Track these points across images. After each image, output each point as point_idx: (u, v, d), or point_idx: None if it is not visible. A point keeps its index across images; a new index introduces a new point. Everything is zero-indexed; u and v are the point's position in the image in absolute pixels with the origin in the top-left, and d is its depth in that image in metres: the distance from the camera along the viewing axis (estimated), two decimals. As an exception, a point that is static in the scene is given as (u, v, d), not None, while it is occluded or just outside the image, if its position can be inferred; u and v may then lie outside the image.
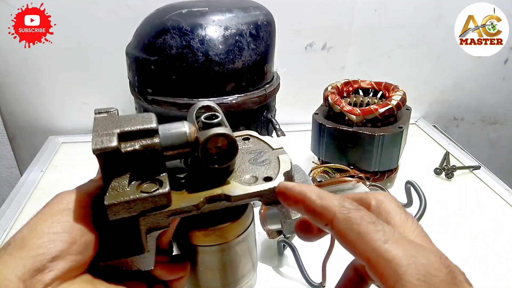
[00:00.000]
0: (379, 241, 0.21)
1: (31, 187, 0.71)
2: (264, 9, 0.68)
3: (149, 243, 0.26)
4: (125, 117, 0.26)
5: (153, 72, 0.62)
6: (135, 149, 0.25)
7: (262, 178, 0.30)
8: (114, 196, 0.24)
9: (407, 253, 0.20)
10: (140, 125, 0.26)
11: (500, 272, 0.54)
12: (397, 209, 0.25)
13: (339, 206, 0.23)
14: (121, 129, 0.25)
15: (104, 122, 0.26)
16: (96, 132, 0.25)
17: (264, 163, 0.32)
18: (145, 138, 0.26)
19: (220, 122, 0.28)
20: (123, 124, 0.25)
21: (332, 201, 0.23)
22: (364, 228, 0.21)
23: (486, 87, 1.06)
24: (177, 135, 0.27)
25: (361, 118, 0.66)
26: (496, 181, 0.74)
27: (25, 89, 0.87)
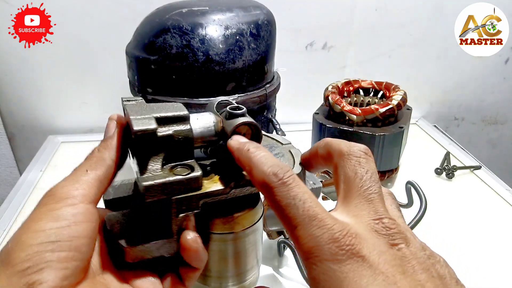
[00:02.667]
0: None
1: (31, 186, 0.71)
2: (264, 9, 0.67)
3: (178, 227, 0.27)
4: (155, 105, 0.27)
5: (153, 72, 0.62)
6: (169, 134, 0.26)
7: None
8: (151, 177, 0.25)
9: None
10: (174, 111, 0.26)
11: (500, 272, 0.54)
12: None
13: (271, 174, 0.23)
14: (156, 115, 0.26)
15: (136, 108, 0.26)
16: (133, 116, 0.25)
17: (277, 155, 0.34)
18: (177, 124, 0.26)
19: (244, 113, 0.30)
20: (156, 110, 0.26)
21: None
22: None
23: (487, 87, 1.05)
24: (207, 124, 0.29)
25: (362, 118, 0.66)
26: (497, 181, 0.74)
27: (25, 89, 0.87)
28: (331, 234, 0.20)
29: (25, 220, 0.23)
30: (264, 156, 0.24)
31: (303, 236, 0.21)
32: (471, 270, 0.54)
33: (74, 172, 0.25)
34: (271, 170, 0.23)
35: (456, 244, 0.59)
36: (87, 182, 0.24)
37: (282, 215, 0.22)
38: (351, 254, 0.20)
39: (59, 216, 0.22)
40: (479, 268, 0.54)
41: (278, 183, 0.22)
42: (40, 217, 0.22)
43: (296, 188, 0.22)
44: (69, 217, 0.23)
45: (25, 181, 0.72)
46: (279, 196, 0.22)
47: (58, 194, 0.23)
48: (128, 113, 0.26)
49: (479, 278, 0.53)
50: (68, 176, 0.25)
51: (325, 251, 0.20)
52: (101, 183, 0.25)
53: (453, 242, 0.59)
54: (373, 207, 0.22)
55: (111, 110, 1.00)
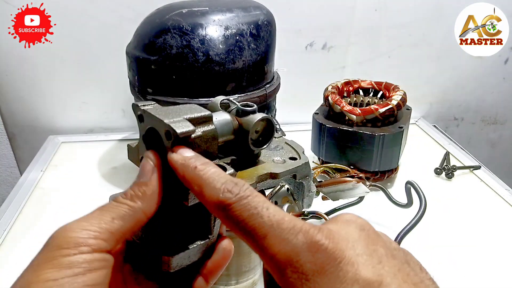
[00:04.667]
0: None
1: (31, 186, 0.71)
2: (264, 9, 0.68)
3: (215, 228, 0.26)
4: (174, 108, 0.26)
5: (153, 72, 0.62)
6: (199, 135, 0.25)
7: (288, 158, 0.34)
8: None
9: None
10: (197, 112, 0.26)
11: (500, 272, 0.54)
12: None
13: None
14: (184, 116, 0.25)
15: (160, 111, 0.25)
16: (166, 119, 0.24)
17: (277, 148, 0.36)
18: (203, 125, 0.26)
19: (255, 109, 0.30)
20: (181, 113, 0.25)
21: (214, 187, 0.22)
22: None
23: (487, 87, 1.06)
24: (225, 123, 0.29)
25: (361, 118, 0.66)
26: (496, 181, 0.74)
27: (25, 89, 0.87)
28: (305, 233, 0.19)
29: (36, 262, 0.21)
30: (215, 173, 0.22)
31: (275, 244, 0.19)
32: (471, 269, 0.54)
33: (99, 213, 0.22)
34: (225, 187, 0.21)
35: (456, 244, 0.59)
36: (109, 233, 0.22)
37: (245, 229, 0.20)
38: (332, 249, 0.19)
39: (73, 263, 0.20)
40: (479, 268, 0.54)
41: (235, 198, 0.20)
42: (52, 263, 0.20)
43: (257, 198, 0.21)
44: (84, 264, 0.20)
45: (26, 181, 0.72)
46: (239, 211, 0.20)
47: (74, 237, 0.21)
48: (156, 116, 0.25)
49: (479, 277, 0.53)
50: (90, 217, 0.22)
51: (304, 253, 0.19)
52: (124, 235, 0.23)
53: (453, 242, 0.59)
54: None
55: (111, 110, 1.01)
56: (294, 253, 0.19)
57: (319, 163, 0.73)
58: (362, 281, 0.18)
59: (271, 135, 0.31)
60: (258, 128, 0.30)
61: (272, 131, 0.31)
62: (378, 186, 0.58)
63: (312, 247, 0.19)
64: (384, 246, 0.20)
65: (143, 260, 0.26)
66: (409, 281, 0.19)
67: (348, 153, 0.67)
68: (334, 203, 0.57)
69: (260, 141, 0.31)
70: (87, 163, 0.79)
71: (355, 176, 0.55)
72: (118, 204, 0.23)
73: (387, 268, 0.19)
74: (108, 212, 0.22)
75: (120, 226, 0.22)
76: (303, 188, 0.37)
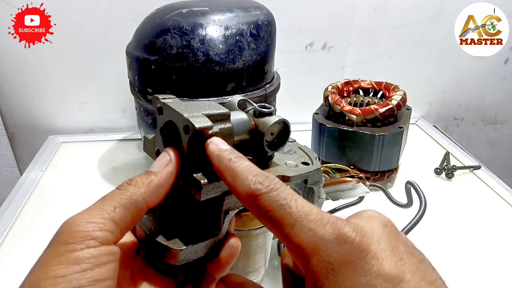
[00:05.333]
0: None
1: (31, 186, 0.71)
2: (264, 9, 0.68)
3: (224, 225, 0.27)
4: (194, 103, 0.27)
5: (153, 72, 0.62)
6: (215, 131, 0.25)
7: (300, 163, 0.34)
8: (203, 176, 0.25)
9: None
10: (216, 110, 0.26)
11: (500, 272, 0.54)
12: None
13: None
14: (203, 112, 0.25)
15: (181, 106, 0.26)
16: (185, 113, 0.24)
17: (290, 152, 0.36)
18: (220, 122, 0.26)
19: (272, 111, 0.30)
20: (200, 108, 0.26)
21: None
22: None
23: (487, 87, 1.06)
24: (242, 122, 0.29)
25: (361, 118, 0.66)
26: (496, 181, 0.74)
27: (25, 89, 0.87)
28: (333, 225, 0.20)
29: (44, 258, 0.21)
30: (247, 166, 0.23)
31: (302, 233, 0.20)
32: (470, 269, 0.54)
33: (101, 203, 0.23)
34: (257, 179, 0.22)
35: (456, 243, 0.59)
36: (113, 222, 0.22)
37: (274, 218, 0.21)
38: (359, 243, 0.19)
39: (81, 258, 0.20)
40: (479, 268, 0.54)
41: (265, 189, 0.21)
42: (60, 260, 0.20)
43: (286, 190, 0.21)
44: (92, 260, 0.20)
45: (26, 181, 0.72)
46: (269, 201, 0.21)
47: (79, 231, 0.21)
48: (176, 109, 0.25)
49: (479, 277, 0.53)
50: (93, 208, 0.22)
51: (331, 243, 0.19)
52: (127, 225, 0.23)
53: (453, 241, 0.59)
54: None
55: (111, 110, 1.01)
56: (321, 243, 0.19)
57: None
58: (385, 275, 0.19)
59: (286, 138, 0.31)
60: (273, 130, 0.30)
61: (287, 134, 0.31)
62: (378, 186, 0.58)
63: (339, 238, 0.19)
64: (404, 244, 0.21)
65: (153, 253, 0.26)
66: (426, 279, 0.20)
67: (348, 153, 0.67)
68: (334, 203, 0.58)
69: (275, 143, 0.31)
70: (87, 163, 0.79)
71: (355, 176, 0.55)
72: (121, 191, 0.23)
73: (407, 265, 0.20)
74: (109, 201, 0.23)
75: (122, 215, 0.22)
76: (313, 194, 0.36)
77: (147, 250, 0.27)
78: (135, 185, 0.24)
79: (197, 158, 0.25)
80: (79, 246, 0.20)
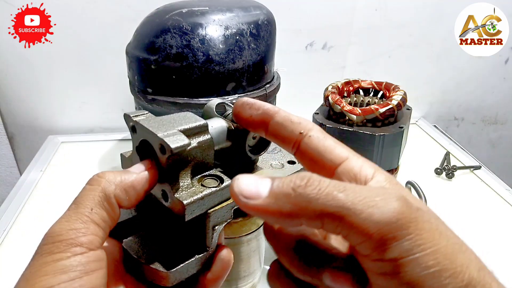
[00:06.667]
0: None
1: (31, 186, 0.71)
2: (264, 9, 0.67)
3: (213, 240, 0.26)
4: (166, 117, 0.26)
5: (153, 72, 0.62)
6: (195, 146, 0.25)
7: (286, 162, 0.33)
8: (188, 195, 0.24)
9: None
10: (192, 122, 0.25)
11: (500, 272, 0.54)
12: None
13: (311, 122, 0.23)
14: (179, 128, 0.24)
15: (153, 123, 0.25)
16: (159, 132, 0.23)
17: (275, 151, 0.34)
18: (199, 135, 0.25)
19: None
20: (174, 123, 0.25)
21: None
22: (337, 140, 0.22)
23: (487, 87, 1.06)
24: (221, 131, 0.28)
25: (362, 118, 0.66)
26: (496, 181, 0.74)
27: (25, 89, 0.87)
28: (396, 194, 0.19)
29: (28, 271, 0.20)
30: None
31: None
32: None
33: (76, 207, 0.22)
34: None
35: (456, 244, 0.59)
36: (95, 224, 0.21)
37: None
38: (417, 208, 0.18)
39: (68, 267, 0.19)
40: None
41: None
42: (46, 270, 0.19)
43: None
44: (79, 267, 0.20)
45: (25, 181, 0.72)
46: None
47: (63, 240, 0.20)
48: (149, 129, 0.24)
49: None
50: (70, 214, 0.21)
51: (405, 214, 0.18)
52: (108, 224, 0.22)
53: (453, 242, 0.59)
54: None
55: (111, 110, 1.00)
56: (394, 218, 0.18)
57: (319, 163, 0.73)
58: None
59: (269, 142, 0.29)
60: (255, 133, 0.28)
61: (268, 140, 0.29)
62: (378, 186, 0.58)
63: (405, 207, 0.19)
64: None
65: (142, 277, 0.25)
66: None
67: (348, 153, 0.67)
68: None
69: (258, 146, 0.30)
70: (87, 163, 0.79)
71: (355, 176, 0.55)
72: (92, 187, 0.22)
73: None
74: (83, 203, 0.22)
75: (100, 215, 0.21)
76: None
77: (136, 274, 0.25)
78: (107, 180, 0.23)
79: (174, 178, 0.24)
80: (65, 255, 0.20)
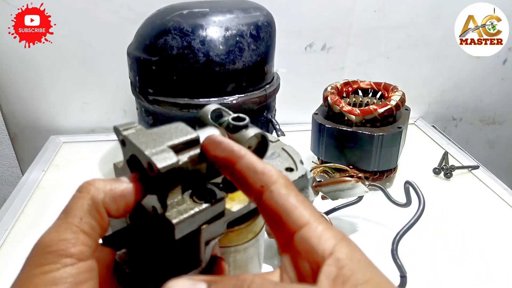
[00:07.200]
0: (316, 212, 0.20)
1: (32, 186, 0.71)
2: (264, 10, 0.68)
3: (206, 254, 0.25)
4: (157, 130, 0.25)
5: (154, 73, 0.62)
6: (185, 161, 0.24)
7: (284, 169, 0.32)
8: (178, 212, 0.23)
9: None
10: (183, 136, 0.24)
11: (499, 272, 0.55)
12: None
13: (278, 171, 0.21)
14: (169, 143, 0.24)
15: (142, 138, 0.24)
16: (147, 150, 0.22)
17: (274, 156, 0.34)
18: (189, 149, 0.24)
19: (247, 123, 0.28)
20: (164, 137, 0.24)
21: (271, 167, 0.22)
22: (302, 198, 0.20)
23: (485, 87, 1.06)
24: None
25: (361, 118, 0.66)
26: (494, 181, 0.74)
27: (26, 89, 0.88)
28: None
29: (18, 283, 0.19)
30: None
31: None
32: (469, 269, 0.55)
33: (65, 216, 0.21)
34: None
35: (454, 243, 0.59)
36: (84, 234, 0.21)
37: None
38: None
39: (58, 279, 0.19)
40: (477, 268, 0.55)
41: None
42: (36, 283, 0.19)
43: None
44: (70, 279, 0.19)
45: (27, 181, 0.73)
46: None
47: (52, 251, 0.19)
48: (137, 145, 0.23)
49: (478, 277, 0.53)
50: (59, 224, 0.21)
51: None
52: (98, 233, 0.22)
53: (451, 241, 0.60)
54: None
55: (112, 111, 1.01)
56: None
57: (318, 163, 0.74)
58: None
59: (265, 151, 0.28)
60: (251, 143, 0.27)
61: (266, 146, 0.28)
62: (377, 185, 0.58)
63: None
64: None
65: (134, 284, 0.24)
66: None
67: (347, 153, 0.68)
68: (334, 203, 0.58)
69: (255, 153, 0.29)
70: (88, 163, 0.79)
71: (354, 175, 0.55)
72: (81, 194, 0.22)
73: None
74: (73, 211, 0.21)
75: (90, 224, 0.21)
76: None
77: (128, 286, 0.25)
78: (96, 187, 0.22)
79: (164, 195, 0.23)
80: (55, 266, 0.19)
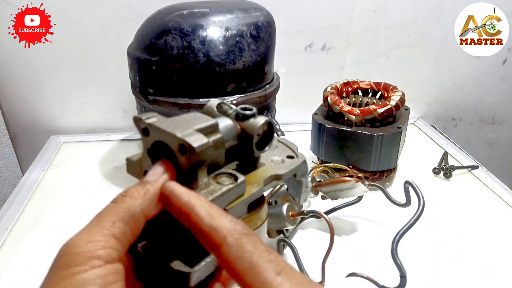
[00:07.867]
0: (272, 272, 0.19)
1: (33, 186, 0.71)
2: (264, 10, 0.68)
3: None
4: (180, 119, 0.26)
5: (154, 73, 0.63)
6: (209, 145, 0.25)
7: (286, 157, 0.34)
8: (208, 193, 0.24)
9: (299, 287, 0.19)
10: (205, 122, 0.26)
11: (499, 272, 0.55)
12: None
13: (230, 228, 0.21)
14: (195, 128, 0.25)
15: (168, 124, 0.25)
16: (178, 132, 0.23)
17: (272, 147, 0.35)
18: (211, 134, 0.26)
19: (255, 112, 0.29)
20: (190, 123, 0.25)
21: (223, 221, 0.21)
22: (257, 257, 0.20)
23: (485, 87, 1.06)
24: (229, 129, 0.29)
25: (360, 118, 0.67)
26: (494, 181, 0.74)
27: (26, 89, 0.88)
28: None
29: (46, 285, 0.20)
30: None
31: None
32: (468, 269, 0.55)
33: (98, 220, 0.21)
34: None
35: (454, 243, 0.59)
36: (114, 238, 0.21)
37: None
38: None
39: (86, 280, 0.19)
40: (477, 268, 0.55)
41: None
42: (64, 285, 0.19)
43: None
44: (98, 280, 0.19)
45: (28, 181, 0.73)
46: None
47: (81, 252, 0.20)
48: (166, 130, 0.24)
49: (478, 277, 0.54)
50: (91, 227, 0.21)
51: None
52: (128, 239, 0.22)
53: (451, 241, 0.60)
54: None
55: (112, 111, 1.01)
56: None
57: (318, 162, 0.74)
58: None
59: (272, 137, 0.30)
60: (260, 131, 0.29)
61: (272, 132, 0.30)
62: (376, 185, 0.59)
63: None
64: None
65: (155, 276, 0.24)
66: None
67: (347, 153, 0.68)
68: (333, 202, 0.58)
69: (261, 143, 0.30)
70: (88, 163, 0.80)
71: (354, 175, 0.55)
72: (116, 204, 0.22)
73: None
74: (106, 216, 0.21)
75: (122, 229, 0.21)
76: (301, 185, 0.36)
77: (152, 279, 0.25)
78: (130, 196, 0.22)
79: (193, 177, 0.24)
80: (83, 268, 0.19)
